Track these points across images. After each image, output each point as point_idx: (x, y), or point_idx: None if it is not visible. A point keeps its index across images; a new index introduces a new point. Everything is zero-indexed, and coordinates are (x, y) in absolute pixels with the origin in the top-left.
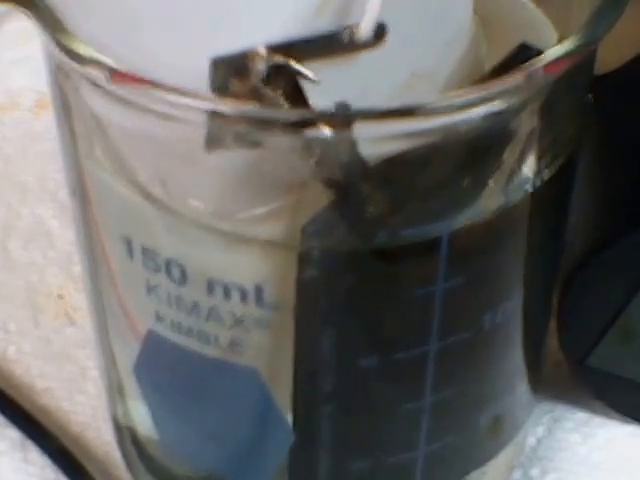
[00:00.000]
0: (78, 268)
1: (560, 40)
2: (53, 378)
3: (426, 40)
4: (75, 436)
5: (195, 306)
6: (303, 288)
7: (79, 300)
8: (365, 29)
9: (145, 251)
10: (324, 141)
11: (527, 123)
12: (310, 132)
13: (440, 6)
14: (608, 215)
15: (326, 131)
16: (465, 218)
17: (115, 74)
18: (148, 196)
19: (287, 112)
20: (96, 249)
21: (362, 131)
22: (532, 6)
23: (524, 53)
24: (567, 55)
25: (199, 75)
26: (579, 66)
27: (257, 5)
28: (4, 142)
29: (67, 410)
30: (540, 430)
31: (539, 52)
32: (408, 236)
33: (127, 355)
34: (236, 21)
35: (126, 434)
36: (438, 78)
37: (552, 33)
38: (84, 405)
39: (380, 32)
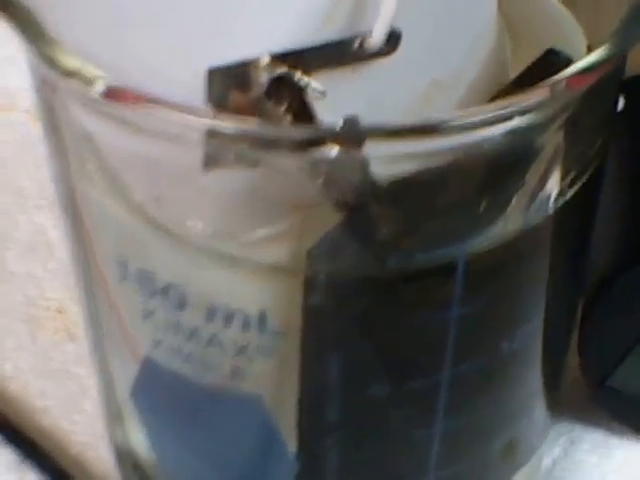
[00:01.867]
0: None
1: (589, 41)
2: (52, 396)
3: (445, 45)
4: (74, 457)
5: (195, 332)
6: (310, 315)
7: (80, 315)
8: (378, 36)
9: (141, 275)
10: (333, 161)
11: (551, 139)
12: (317, 152)
13: (461, 7)
14: (634, 232)
15: (335, 151)
16: (483, 240)
17: (108, 91)
18: (143, 216)
19: (292, 130)
20: (91, 268)
21: (374, 150)
22: (560, 7)
23: (552, 60)
24: (596, 66)
25: (194, 86)
26: (608, 76)
27: (259, 10)
28: (1, 146)
29: (66, 430)
30: (556, 451)
31: (568, 59)
32: (422, 260)
33: (126, 378)
34: (236, 27)
35: (126, 458)
36: (459, 87)
37: (581, 36)
38: (84, 425)
39: (394, 39)
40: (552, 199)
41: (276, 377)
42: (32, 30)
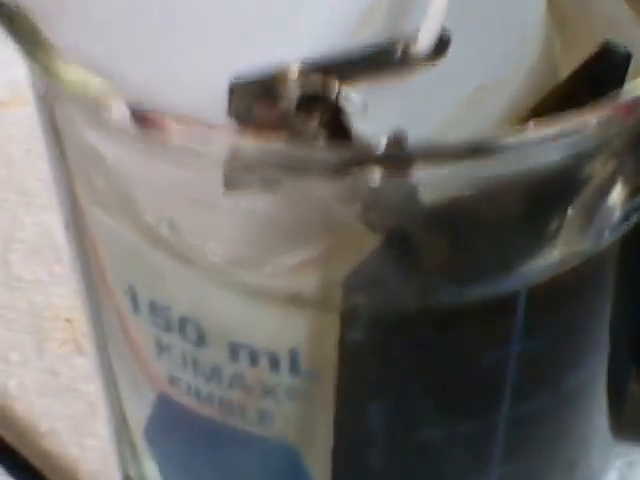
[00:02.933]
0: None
1: None
2: (59, 418)
3: (493, 45)
4: None
5: (215, 371)
6: (347, 353)
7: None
8: (425, 41)
9: (153, 306)
10: (375, 187)
11: (615, 157)
12: (356, 177)
13: (509, 5)
14: None
15: (377, 176)
16: (544, 269)
17: (125, 116)
18: (156, 240)
19: (326, 151)
20: (101, 293)
21: (423, 173)
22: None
23: (608, 56)
24: None
25: (214, 99)
26: None
27: (288, 13)
28: (6, 141)
29: (75, 457)
30: (613, 476)
31: (626, 55)
32: (477, 292)
33: (139, 411)
34: (262, 32)
35: None
36: (507, 90)
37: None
38: (94, 450)
39: (443, 43)
40: (619, 222)
41: (307, 422)
42: (31, 38)
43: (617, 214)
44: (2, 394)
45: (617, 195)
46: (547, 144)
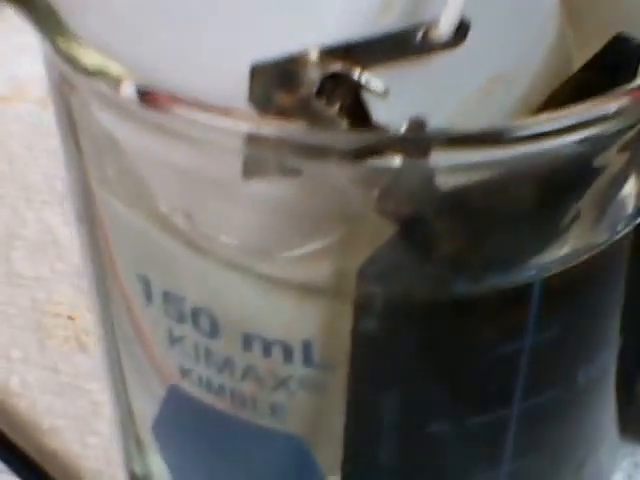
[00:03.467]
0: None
1: None
2: (61, 416)
3: (508, 35)
4: None
5: (228, 362)
6: (360, 344)
7: (92, 322)
8: (446, 26)
9: (167, 296)
10: (394, 171)
11: (630, 147)
12: (376, 161)
13: None
14: None
15: (397, 161)
16: (558, 261)
17: (138, 93)
18: (170, 230)
19: (346, 136)
20: (111, 285)
21: (441, 160)
22: None
23: (621, 47)
24: None
25: (234, 83)
26: None
27: None
28: (8, 137)
29: (77, 454)
30: (620, 476)
31: (639, 46)
32: (492, 281)
33: (147, 407)
34: (282, 17)
35: None
36: (521, 80)
37: None
38: (96, 448)
39: (463, 29)
40: (630, 216)
41: (320, 414)
42: (51, 23)
43: (631, 205)
44: (4, 391)
45: (631, 186)
46: (563, 133)
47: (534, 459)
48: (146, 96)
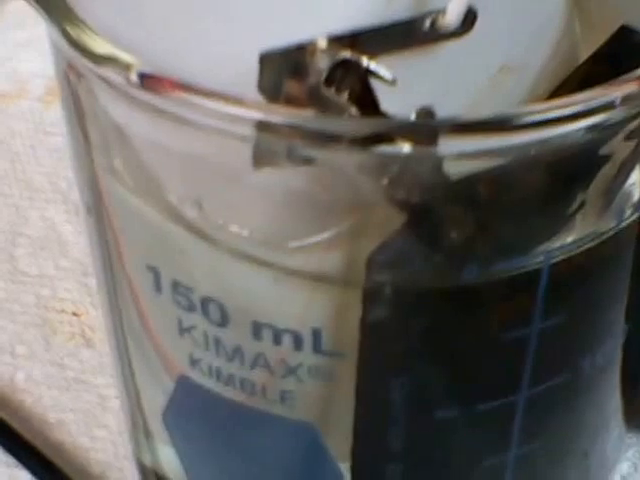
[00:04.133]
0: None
1: None
2: (68, 410)
3: (516, 25)
4: (95, 478)
5: (238, 351)
6: (369, 332)
7: (97, 318)
8: (453, 14)
9: (176, 286)
10: (402, 159)
11: (636, 136)
12: (386, 149)
13: None
14: None
15: (406, 147)
16: (565, 247)
17: (146, 79)
18: (179, 220)
19: (356, 123)
20: (119, 276)
21: (449, 147)
22: None
23: (626, 38)
24: None
25: (244, 72)
26: None
27: None
28: (10, 136)
29: (85, 447)
30: (625, 467)
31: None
32: (500, 268)
33: (156, 397)
34: (291, 6)
35: (152, 478)
36: (529, 71)
37: None
38: (104, 441)
39: (470, 18)
40: (636, 203)
41: (329, 401)
42: (59, 11)
43: (637, 194)
44: (10, 386)
45: (637, 175)
46: (570, 120)
47: (540, 447)
48: (152, 82)
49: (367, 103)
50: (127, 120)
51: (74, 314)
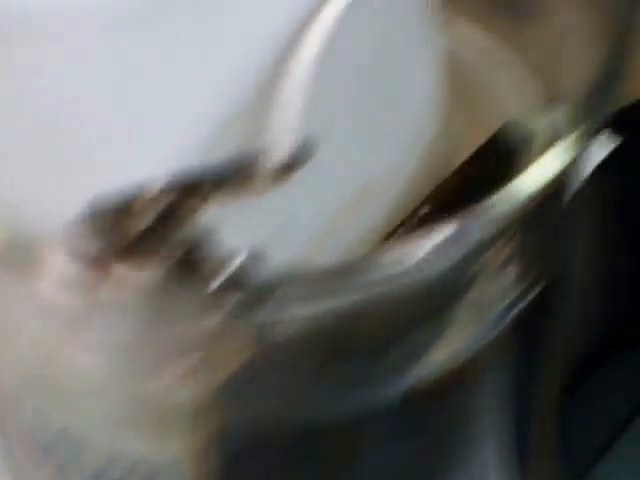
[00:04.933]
0: None
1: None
2: None
3: (375, 145)
4: None
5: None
6: (225, 466)
7: None
8: (283, 149)
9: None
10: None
11: (490, 258)
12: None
13: (385, 100)
14: (611, 316)
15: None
16: (423, 373)
17: None
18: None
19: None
20: None
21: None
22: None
23: (496, 148)
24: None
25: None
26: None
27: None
28: None
29: None
30: None
31: (512, 149)
32: (353, 401)
33: None
34: (112, 152)
35: None
36: (395, 185)
37: (540, 103)
38: None
39: (306, 148)
40: (502, 317)
41: None
42: None
43: (503, 306)
44: None
45: (503, 290)
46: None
47: None
48: None
49: (192, 251)
50: None
51: None
